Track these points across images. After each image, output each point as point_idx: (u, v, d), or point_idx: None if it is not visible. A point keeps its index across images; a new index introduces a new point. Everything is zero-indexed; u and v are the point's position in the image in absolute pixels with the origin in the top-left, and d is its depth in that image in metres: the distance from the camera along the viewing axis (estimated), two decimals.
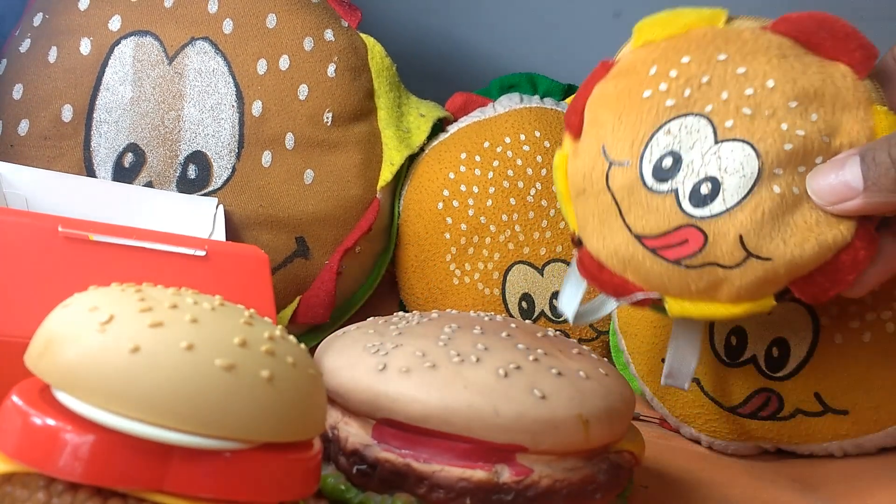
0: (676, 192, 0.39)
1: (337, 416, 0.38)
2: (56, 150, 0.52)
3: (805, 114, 0.38)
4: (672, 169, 0.39)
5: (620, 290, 0.41)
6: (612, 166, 0.40)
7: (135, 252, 0.40)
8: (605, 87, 0.42)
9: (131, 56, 0.53)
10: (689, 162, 0.39)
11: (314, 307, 0.54)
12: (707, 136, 0.39)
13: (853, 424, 0.47)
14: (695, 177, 0.39)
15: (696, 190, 0.38)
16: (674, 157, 0.39)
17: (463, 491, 0.35)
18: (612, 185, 0.40)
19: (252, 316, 0.30)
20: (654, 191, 0.39)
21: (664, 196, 0.39)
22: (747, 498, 0.44)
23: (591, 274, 0.42)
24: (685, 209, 0.39)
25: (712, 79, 0.39)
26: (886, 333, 0.46)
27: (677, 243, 0.39)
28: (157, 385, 0.26)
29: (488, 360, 0.36)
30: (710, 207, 0.38)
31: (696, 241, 0.38)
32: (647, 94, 0.40)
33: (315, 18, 0.56)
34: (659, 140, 0.39)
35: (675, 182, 0.39)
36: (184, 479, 0.26)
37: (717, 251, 0.38)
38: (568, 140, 0.43)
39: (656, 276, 0.39)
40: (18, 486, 0.27)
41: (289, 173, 0.54)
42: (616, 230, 0.40)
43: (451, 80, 0.71)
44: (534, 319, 0.56)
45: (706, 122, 0.39)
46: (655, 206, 0.39)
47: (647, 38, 0.42)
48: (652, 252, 0.39)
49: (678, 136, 0.39)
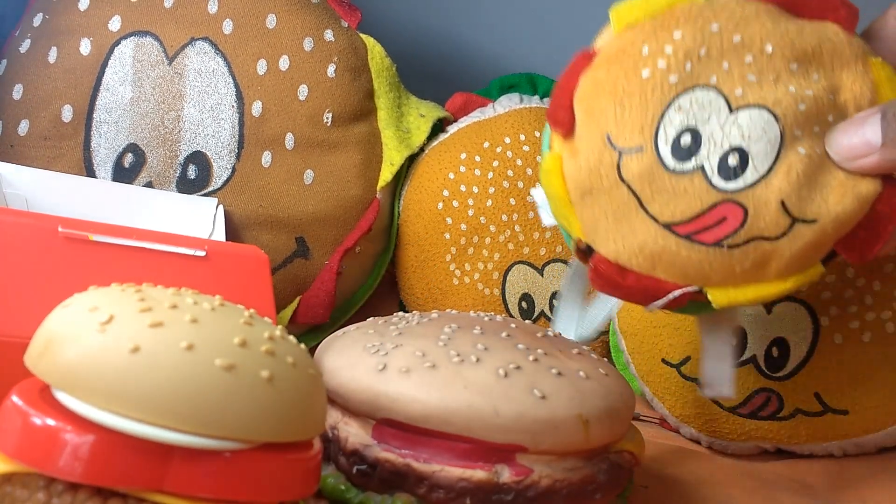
0: (703, 169, 0.36)
1: (337, 416, 0.38)
2: (56, 151, 0.52)
3: (807, 74, 0.37)
4: (693, 145, 0.37)
5: (652, 292, 0.37)
6: (623, 155, 0.37)
7: (135, 252, 0.40)
8: (596, 75, 0.39)
9: (131, 56, 0.53)
10: (709, 135, 0.37)
11: (314, 307, 0.54)
12: (720, 107, 0.37)
13: (853, 424, 0.47)
14: (719, 149, 0.36)
15: (724, 162, 0.36)
16: (692, 134, 0.37)
17: (463, 491, 0.35)
18: (627, 176, 0.37)
19: (252, 316, 0.30)
20: (677, 172, 0.37)
21: (691, 175, 0.36)
22: (747, 498, 0.44)
23: (612, 282, 0.38)
24: (716, 185, 0.36)
25: (710, 50, 0.37)
26: (886, 333, 0.46)
27: (715, 223, 0.36)
28: (157, 385, 0.26)
29: (488, 360, 0.36)
30: (744, 178, 0.36)
31: (735, 216, 0.36)
32: (646, 74, 0.38)
33: (315, 19, 0.56)
34: (671, 118, 0.37)
35: (700, 158, 0.36)
36: (184, 479, 0.26)
37: (760, 223, 0.36)
38: (558, 139, 0.39)
39: (694, 265, 0.36)
40: (18, 486, 0.27)
41: (289, 173, 0.54)
42: (638, 225, 0.37)
43: (451, 80, 0.71)
44: (534, 319, 0.56)
45: (716, 93, 0.37)
46: (683, 188, 0.36)
47: (629, 21, 0.39)
48: (686, 239, 0.36)
49: (691, 111, 0.37)
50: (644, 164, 0.37)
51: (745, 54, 0.37)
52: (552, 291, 0.56)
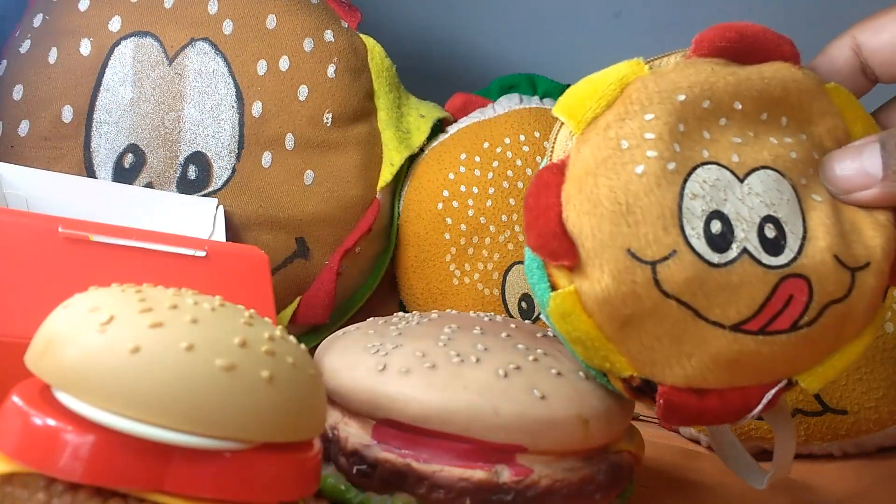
0: (748, 252, 0.33)
1: (337, 417, 0.38)
2: (56, 151, 0.52)
3: (777, 121, 0.35)
4: (726, 231, 0.33)
5: (741, 407, 0.33)
6: (658, 267, 0.32)
7: (135, 252, 0.40)
8: (582, 190, 0.33)
9: (131, 57, 0.53)
10: (735, 215, 0.33)
11: (314, 307, 0.54)
12: (729, 180, 0.34)
13: (853, 424, 0.47)
14: (753, 226, 0.33)
15: (763, 237, 0.33)
16: (720, 218, 0.33)
17: (463, 491, 0.35)
18: (672, 289, 0.32)
19: (252, 316, 0.30)
20: (724, 265, 0.32)
21: (739, 263, 0.33)
22: (747, 498, 0.44)
23: (693, 411, 0.33)
24: (769, 264, 0.33)
25: (687, 123, 0.34)
26: (886, 333, 0.46)
27: (784, 306, 0.33)
28: (157, 385, 0.26)
29: (488, 361, 0.36)
30: (789, 247, 0.33)
31: (801, 290, 0.33)
32: (640, 170, 0.33)
33: (315, 19, 0.56)
34: (691, 209, 0.33)
35: (739, 242, 0.33)
36: (184, 479, 0.26)
37: (827, 287, 0.33)
38: (563, 274, 0.34)
39: (779, 358, 0.33)
40: (19, 487, 0.27)
41: (289, 174, 0.54)
42: (703, 337, 0.33)
43: (451, 81, 0.71)
44: (533, 320, 0.56)
45: (717, 167, 0.34)
46: (737, 280, 0.32)
47: (584, 118, 0.34)
48: (762, 334, 0.33)
49: (706, 195, 0.33)
50: (686, 269, 0.32)
51: (720, 118, 0.34)
52: None
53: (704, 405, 0.33)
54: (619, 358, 0.33)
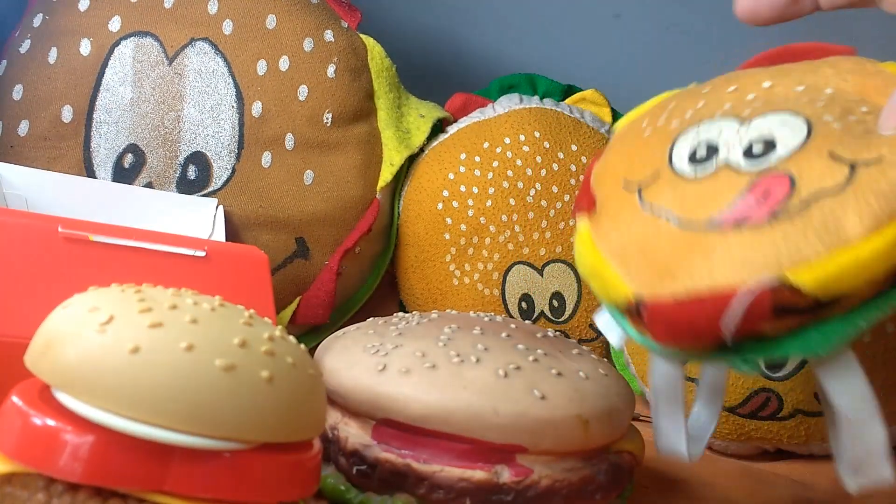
0: (728, 162, 0.32)
1: (337, 417, 0.38)
2: (56, 151, 0.52)
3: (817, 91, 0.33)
4: (710, 152, 0.33)
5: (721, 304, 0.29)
6: (642, 189, 0.34)
7: (135, 253, 0.40)
8: (605, 159, 0.37)
9: (131, 57, 0.53)
10: (725, 141, 0.33)
11: (314, 308, 0.54)
12: (731, 124, 0.33)
13: None
14: (740, 145, 0.32)
15: (749, 151, 0.32)
16: (707, 145, 0.33)
17: (463, 491, 0.35)
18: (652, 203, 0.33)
19: (252, 316, 0.30)
20: (700, 177, 0.32)
21: (716, 173, 0.32)
22: (747, 498, 0.44)
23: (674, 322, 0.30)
24: (747, 168, 0.31)
25: (708, 102, 0.35)
26: (886, 333, 0.46)
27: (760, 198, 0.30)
28: (156, 385, 0.26)
29: (488, 361, 0.36)
30: (776, 153, 0.31)
31: (781, 184, 0.30)
32: (648, 133, 0.36)
33: (315, 19, 0.56)
34: (681, 143, 0.34)
35: (720, 159, 0.32)
36: (184, 480, 0.26)
37: (813, 177, 0.29)
38: (584, 220, 0.36)
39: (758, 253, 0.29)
40: (18, 487, 0.27)
41: (289, 174, 0.54)
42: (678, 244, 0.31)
43: (451, 81, 0.71)
44: (533, 320, 0.56)
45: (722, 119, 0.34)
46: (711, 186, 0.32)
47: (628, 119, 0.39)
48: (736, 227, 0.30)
49: (700, 134, 0.34)
50: (665, 183, 0.33)
51: (746, 94, 0.34)
52: (552, 292, 0.56)
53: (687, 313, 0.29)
54: (619, 281, 0.32)
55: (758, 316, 0.28)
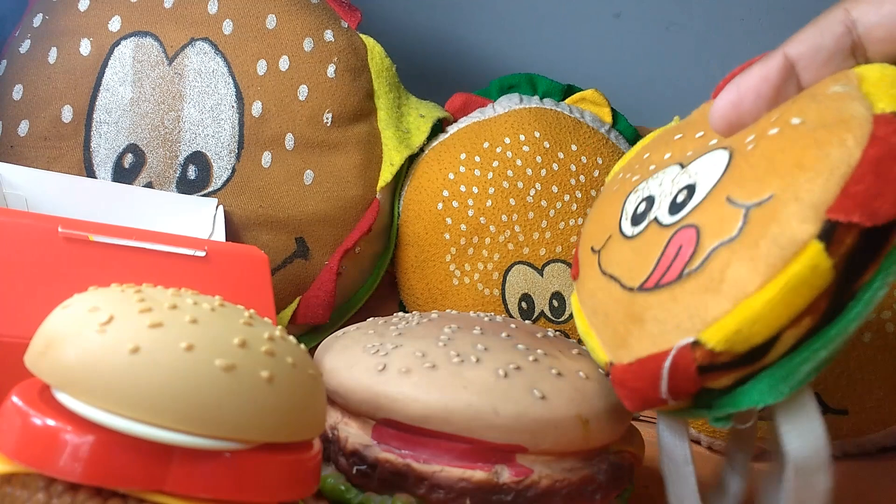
0: (656, 217, 0.33)
1: (337, 417, 0.38)
2: (56, 151, 0.52)
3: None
4: (647, 208, 0.34)
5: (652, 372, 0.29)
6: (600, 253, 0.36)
7: (135, 252, 0.40)
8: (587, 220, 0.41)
9: (131, 57, 0.53)
10: (661, 192, 0.34)
11: (314, 308, 0.54)
12: (673, 172, 0.35)
13: (853, 424, 0.47)
14: (670, 195, 0.33)
15: (674, 203, 0.32)
16: (647, 200, 0.35)
17: (463, 491, 0.35)
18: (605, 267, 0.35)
19: (252, 316, 0.30)
20: (635, 236, 0.34)
21: (646, 230, 0.33)
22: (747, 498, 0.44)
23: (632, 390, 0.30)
24: (668, 222, 0.32)
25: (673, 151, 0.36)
26: (886, 333, 0.46)
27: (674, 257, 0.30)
28: (156, 385, 0.26)
29: (488, 361, 0.36)
30: (692, 201, 0.31)
31: (689, 239, 0.30)
32: (616, 188, 0.39)
33: (315, 19, 0.56)
34: (631, 200, 0.36)
35: (651, 212, 0.34)
36: (184, 480, 0.26)
37: (713, 228, 0.29)
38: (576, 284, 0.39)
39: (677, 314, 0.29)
40: (18, 487, 0.27)
41: (288, 174, 0.54)
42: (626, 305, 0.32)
43: (451, 81, 0.71)
44: (533, 320, 0.56)
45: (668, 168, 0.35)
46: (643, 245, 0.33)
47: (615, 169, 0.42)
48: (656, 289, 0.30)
49: (647, 189, 0.35)
50: (613, 244, 0.35)
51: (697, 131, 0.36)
52: (552, 291, 0.56)
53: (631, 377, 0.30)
54: (599, 348, 0.33)
55: (685, 377, 0.28)
